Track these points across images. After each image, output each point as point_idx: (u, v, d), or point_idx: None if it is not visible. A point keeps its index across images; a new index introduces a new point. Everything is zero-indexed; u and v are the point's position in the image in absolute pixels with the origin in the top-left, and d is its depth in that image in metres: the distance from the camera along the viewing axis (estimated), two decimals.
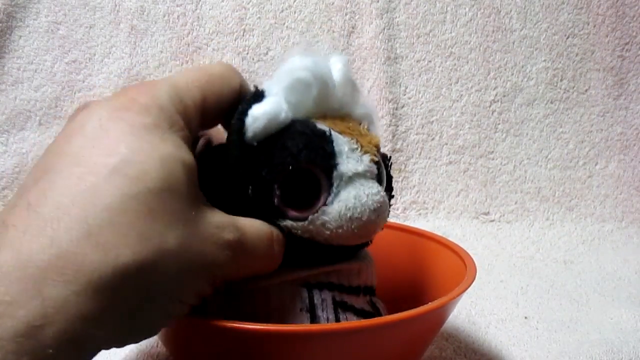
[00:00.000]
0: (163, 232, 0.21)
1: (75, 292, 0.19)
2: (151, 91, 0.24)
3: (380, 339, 0.27)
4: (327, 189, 0.27)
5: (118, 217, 0.21)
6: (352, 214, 0.27)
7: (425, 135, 0.72)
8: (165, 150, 0.23)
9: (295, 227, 0.27)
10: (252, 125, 0.26)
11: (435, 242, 0.39)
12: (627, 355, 0.40)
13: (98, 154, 0.22)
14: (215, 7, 0.71)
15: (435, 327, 0.32)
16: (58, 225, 0.20)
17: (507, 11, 0.73)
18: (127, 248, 0.20)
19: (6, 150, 0.65)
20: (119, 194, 0.21)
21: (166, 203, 0.22)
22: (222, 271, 0.24)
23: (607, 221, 0.71)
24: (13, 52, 0.67)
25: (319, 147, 0.27)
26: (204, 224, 0.23)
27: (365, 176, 0.27)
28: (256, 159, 0.27)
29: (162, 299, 0.22)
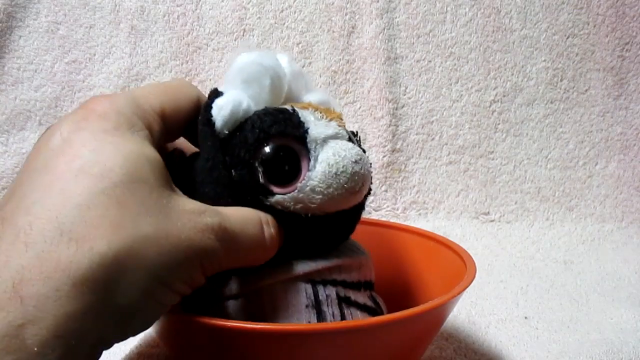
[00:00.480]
0: (135, 220, 0.22)
1: (55, 288, 0.20)
2: (108, 100, 0.25)
3: (380, 337, 0.27)
4: (305, 156, 0.28)
5: (88, 212, 0.21)
6: (335, 169, 0.27)
7: (425, 135, 0.72)
8: (127, 148, 0.24)
9: (287, 200, 0.28)
10: (219, 114, 0.28)
11: (436, 241, 0.39)
12: (627, 355, 0.40)
13: (63, 162, 0.23)
14: (215, 7, 0.71)
15: (435, 326, 0.32)
16: (30, 230, 0.21)
17: (507, 11, 0.73)
18: (101, 239, 0.21)
19: (6, 150, 0.65)
20: (86, 192, 0.22)
21: (135, 194, 0.22)
22: (211, 258, 0.24)
23: (607, 221, 0.71)
24: (13, 52, 0.67)
25: (286, 119, 0.28)
26: (179, 211, 0.24)
27: (337, 137, 0.28)
28: (231, 145, 0.28)
29: (149, 287, 0.22)
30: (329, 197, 0.28)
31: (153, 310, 0.23)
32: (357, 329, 0.26)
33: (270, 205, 0.28)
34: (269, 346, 0.26)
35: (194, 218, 0.24)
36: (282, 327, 0.26)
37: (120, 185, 0.22)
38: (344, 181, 0.27)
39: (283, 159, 0.28)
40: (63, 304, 0.20)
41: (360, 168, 0.28)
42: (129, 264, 0.21)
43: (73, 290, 0.20)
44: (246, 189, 0.28)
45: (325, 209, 0.28)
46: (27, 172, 0.23)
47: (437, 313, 0.30)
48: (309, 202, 0.28)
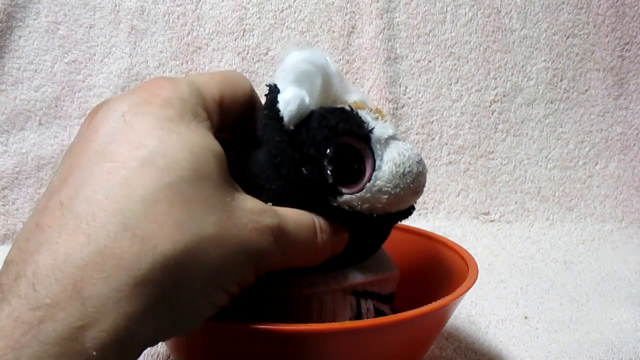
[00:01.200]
0: (200, 219, 0.21)
1: (116, 289, 0.19)
2: (172, 85, 0.24)
3: (383, 338, 0.27)
4: (370, 156, 0.28)
5: (153, 207, 0.20)
6: (402, 169, 0.28)
7: (425, 135, 0.72)
8: (193, 140, 0.22)
9: (355, 200, 0.27)
10: (286, 108, 0.27)
11: (437, 242, 0.39)
12: (627, 356, 0.40)
13: (126, 148, 0.21)
14: (215, 7, 0.71)
15: (437, 327, 0.32)
16: (94, 222, 0.20)
17: (507, 11, 0.73)
18: (165, 238, 0.20)
19: (6, 150, 0.65)
20: (151, 185, 0.21)
21: (200, 191, 0.21)
22: (266, 259, 0.24)
23: (607, 221, 0.71)
24: (13, 52, 0.67)
25: (350, 118, 0.28)
26: (241, 210, 0.23)
27: (396, 138, 0.29)
28: (298, 142, 0.27)
29: (205, 288, 0.22)
30: (395, 197, 0.28)
31: (205, 310, 0.22)
32: (359, 330, 0.26)
33: (337, 205, 0.27)
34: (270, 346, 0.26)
35: (256, 218, 0.23)
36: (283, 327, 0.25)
37: (187, 180, 0.21)
38: (410, 181, 0.28)
39: (349, 158, 0.28)
40: (123, 306, 0.19)
41: (423, 168, 0.29)
42: (191, 266, 0.21)
43: (134, 291, 0.19)
44: (315, 187, 0.27)
45: (388, 208, 0.28)
46: (83, 154, 0.22)
47: (439, 314, 0.30)
48: (375, 202, 0.28)
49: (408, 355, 0.30)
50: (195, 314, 0.22)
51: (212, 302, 0.22)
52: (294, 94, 0.27)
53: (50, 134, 0.66)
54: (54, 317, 0.18)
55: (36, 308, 0.18)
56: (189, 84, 0.25)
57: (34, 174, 0.65)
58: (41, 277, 0.19)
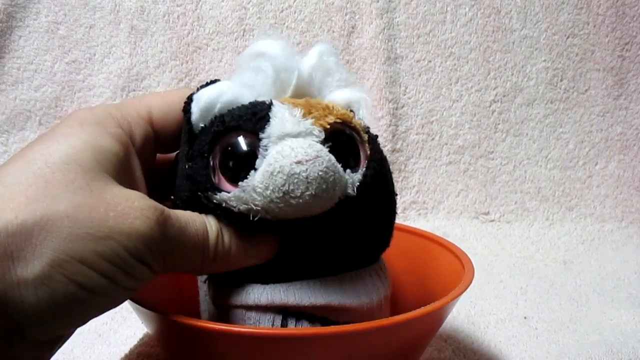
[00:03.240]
0: (56, 197, 0.22)
1: None
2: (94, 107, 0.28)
3: (376, 341, 0.27)
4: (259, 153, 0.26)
5: (9, 188, 0.22)
6: (273, 168, 0.25)
7: (425, 135, 0.72)
8: (79, 138, 0.25)
9: (231, 199, 0.26)
10: (195, 106, 0.27)
11: (433, 242, 0.39)
12: (627, 356, 0.40)
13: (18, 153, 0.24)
14: (215, 7, 0.71)
15: (432, 329, 0.32)
16: None
17: (507, 11, 0.73)
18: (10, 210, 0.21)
19: (6, 150, 0.65)
20: (17, 172, 0.23)
21: (65, 174, 0.23)
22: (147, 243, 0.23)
23: (607, 221, 0.71)
24: (13, 52, 0.67)
25: (248, 113, 0.27)
26: (110, 194, 0.23)
27: (299, 136, 0.26)
28: (198, 138, 0.27)
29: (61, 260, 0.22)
30: (269, 200, 0.25)
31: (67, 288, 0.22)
32: (352, 334, 0.26)
33: (218, 203, 0.26)
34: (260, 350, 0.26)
35: (126, 202, 0.23)
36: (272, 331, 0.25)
37: (52, 165, 0.23)
38: (280, 182, 0.24)
39: (235, 154, 0.26)
40: None
41: (305, 170, 0.24)
42: (37, 236, 0.21)
43: None
44: (196, 182, 0.27)
45: (277, 214, 0.26)
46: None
47: (434, 317, 0.30)
48: (252, 202, 0.25)
49: (403, 357, 0.30)
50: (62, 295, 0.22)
51: (73, 278, 0.22)
52: (208, 90, 0.28)
53: None
54: None
55: None
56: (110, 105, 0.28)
57: None
58: None
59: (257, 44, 0.29)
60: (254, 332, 0.25)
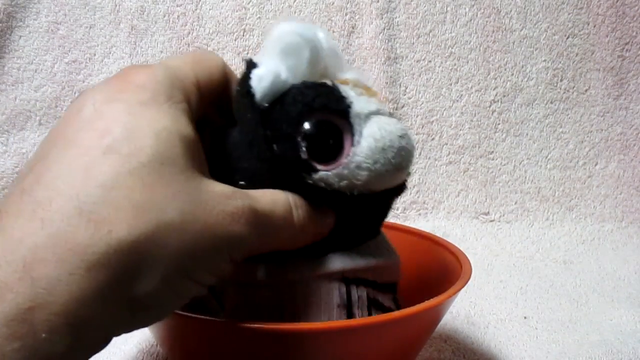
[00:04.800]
0: (161, 205, 0.21)
1: (68, 272, 0.19)
2: (146, 70, 0.24)
3: (372, 338, 0.27)
4: (349, 131, 0.26)
5: (111, 193, 0.20)
6: (382, 144, 0.26)
7: (425, 135, 0.72)
8: (161, 124, 0.22)
9: (331, 177, 0.26)
10: (259, 85, 0.26)
11: (432, 241, 0.39)
12: (627, 356, 0.41)
13: (92, 136, 0.21)
14: (215, 7, 0.71)
15: (429, 327, 0.32)
16: (49, 206, 0.20)
17: (507, 11, 0.73)
18: (121, 223, 0.20)
19: (6, 150, 0.65)
20: (111, 171, 0.20)
21: (163, 176, 0.21)
22: (240, 244, 0.23)
23: (607, 221, 0.71)
24: (13, 52, 0.67)
25: (328, 93, 0.27)
26: (207, 194, 0.22)
27: (380, 113, 0.27)
28: (272, 119, 0.26)
29: (168, 277, 0.21)
30: (376, 173, 0.26)
31: (170, 301, 0.22)
32: (348, 330, 0.26)
33: (313, 183, 0.26)
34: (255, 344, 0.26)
35: (224, 201, 0.22)
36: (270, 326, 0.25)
37: (149, 166, 0.21)
38: (391, 156, 0.26)
39: (326, 134, 0.26)
40: (75, 289, 0.18)
41: (407, 143, 0.27)
42: (150, 252, 0.20)
43: (87, 275, 0.19)
44: (288, 164, 0.26)
45: (371, 186, 0.27)
46: (52, 142, 0.22)
47: (430, 314, 0.29)
48: (354, 178, 0.26)
49: (400, 355, 0.30)
50: (159, 305, 0.21)
51: (178, 292, 0.22)
52: (267, 69, 0.26)
53: None
54: (2, 298, 0.18)
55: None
56: (164, 68, 0.24)
57: None
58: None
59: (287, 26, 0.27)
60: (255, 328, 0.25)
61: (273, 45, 0.27)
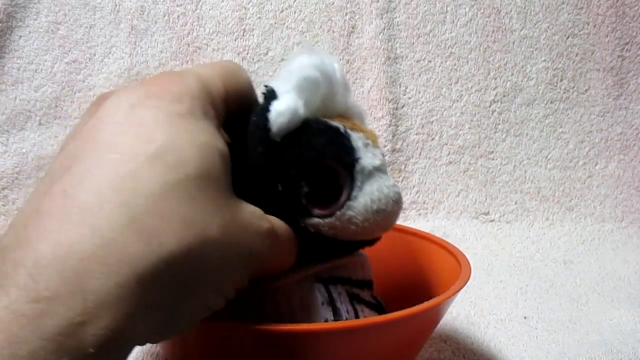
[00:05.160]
0: (205, 220, 0.20)
1: (118, 285, 0.18)
2: (181, 80, 0.23)
3: (371, 339, 0.27)
4: (349, 184, 0.27)
5: (160, 203, 0.19)
6: (377, 206, 0.27)
7: (425, 135, 0.72)
8: (202, 139, 0.22)
9: (322, 225, 0.27)
10: (277, 120, 0.26)
11: (430, 242, 0.39)
12: (627, 356, 0.41)
13: (134, 141, 0.21)
14: (215, 7, 0.71)
15: (428, 328, 0.32)
16: (99, 213, 0.19)
17: (507, 11, 0.73)
18: (171, 235, 0.19)
19: (6, 150, 0.65)
20: (159, 180, 0.20)
21: (206, 191, 0.21)
22: (260, 263, 0.24)
23: (607, 221, 0.71)
24: (13, 52, 0.67)
25: (340, 143, 0.27)
26: (242, 212, 0.23)
27: (381, 170, 0.28)
28: (282, 156, 0.26)
29: (204, 290, 0.21)
30: (362, 229, 0.27)
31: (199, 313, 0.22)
32: (347, 330, 0.26)
33: (304, 226, 0.27)
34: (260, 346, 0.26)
35: (256, 221, 0.23)
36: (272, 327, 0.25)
37: (194, 179, 0.21)
38: (382, 218, 0.28)
39: (328, 182, 0.27)
40: (123, 303, 0.18)
41: (398, 207, 0.28)
42: (193, 267, 0.20)
43: (136, 287, 0.18)
44: (287, 204, 0.27)
45: (353, 237, 0.28)
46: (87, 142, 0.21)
47: (429, 315, 0.29)
48: (342, 229, 0.27)
49: (400, 356, 0.30)
50: (189, 317, 0.21)
51: (208, 305, 0.22)
52: (288, 105, 0.26)
53: (50, 134, 0.66)
54: (53, 311, 0.17)
55: (35, 301, 0.17)
56: (197, 79, 0.24)
57: (34, 174, 0.65)
58: (41, 268, 0.18)
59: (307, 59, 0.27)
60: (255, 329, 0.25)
61: (291, 76, 0.27)
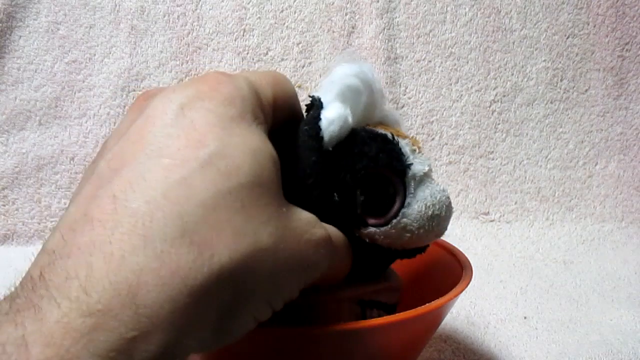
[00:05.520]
0: (257, 229, 0.20)
1: (171, 298, 0.17)
2: (232, 82, 0.23)
3: (373, 341, 0.27)
4: (402, 191, 0.27)
5: (212, 213, 0.19)
6: (432, 211, 0.27)
7: (425, 135, 0.72)
8: (255, 144, 0.21)
9: (378, 234, 0.27)
10: (328, 128, 0.26)
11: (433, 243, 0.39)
12: (627, 356, 0.41)
13: (185, 145, 0.20)
14: (215, 7, 0.71)
15: (429, 330, 0.32)
16: (150, 223, 0.18)
17: (507, 11, 0.73)
18: (223, 247, 0.19)
19: (6, 150, 0.65)
20: (212, 189, 0.19)
21: (259, 199, 0.20)
22: (314, 272, 0.23)
23: (607, 221, 0.71)
24: (13, 52, 0.67)
25: (391, 150, 0.27)
26: (296, 220, 0.22)
27: (430, 176, 0.28)
28: (336, 165, 0.26)
29: (255, 302, 0.20)
30: (417, 237, 0.27)
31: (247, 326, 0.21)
32: (350, 332, 0.26)
33: (359, 235, 0.27)
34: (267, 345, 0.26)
35: (310, 229, 0.22)
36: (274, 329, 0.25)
37: (247, 187, 0.20)
38: (436, 224, 0.27)
39: (381, 189, 0.27)
40: (177, 318, 0.17)
41: (451, 212, 0.28)
42: (245, 279, 0.19)
43: (188, 301, 0.18)
44: (343, 214, 0.26)
45: (406, 246, 0.28)
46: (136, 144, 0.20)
47: (431, 317, 0.30)
48: (397, 238, 0.27)
49: (401, 357, 0.30)
50: (237, 329, 0.20)
51: (257, 317, 0.21)
52: (338, 113, 0.26)
53: (50, 134, 0.66)
54: (106, 326, 0.16)
55: (88, 315, 0.16)
56: (247, 82, 0.23)
57: (34, 174, 0.65)
58: (94, 281, 0.17)
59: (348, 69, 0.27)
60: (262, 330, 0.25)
61: (334, 87, 0.27)
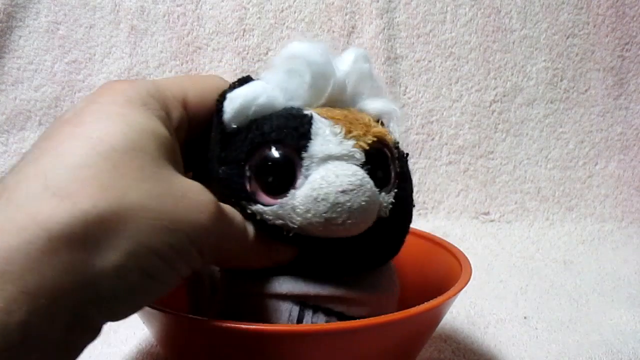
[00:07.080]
0: (129, 186, 0.21)
1: (28, 241, 0.19)
2: (129, 82, 0.25)
3: (372, 339, 0.27)
4: (300, 170, 0.26)
5: (79, 171, 0.21)
6: (316, 195, 0.25)
7: (425, 135, 0.72)
8: (134, 119, 0.23)
9: (267, 213, 0.26)
10: (228, 106, 0.27)
11: (430, 241, 0.39)
12: (627, 356, 0.41)
13: (67, 129, 0.22)
14: (215, 7, 0.71)
15: (428, 329, 0.32)
16: (16, 187, 0.20)
17: (507, 11, 0.73)
18: (86, 197, 0.20)
19: (6, 150, 0.65)
20: (81, 153, 0.21)
21: (133, 161, 0.22)
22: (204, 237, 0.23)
23: (607, 221, 0.71)
24: (13, 52, 0.67)
25: (291, 127, 0.26)
26: (178, 184, 0.23)
27: (341, 159, 0.26)
28: (233, 142, 0.27)
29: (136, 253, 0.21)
30: (308, 222, 0.25)
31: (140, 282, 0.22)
32: (349, 330, 0.26)
33: (252, 213, 0.26)
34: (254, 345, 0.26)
35: (191, 194, 0.23)
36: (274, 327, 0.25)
37: (120, 150, 0.22)
38: (323, 210, 0.25)
39: (274, 169, 0.26)
40: (34, 259, 0.19)
41: (349, 199, 0.25)
42: (114, 227, 0.20)
43: (48, 245, 0.19)
44: (229, 189, 0.26)
45: (310, 232, 0.26)
46: (33, 144, 0.23)
47: (430, 316, 0.29)
48: (289, 220, 0.26)
49: (400, 356, 0.30)
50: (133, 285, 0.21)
51: (146, 269, 0.22)
52: (244, 91, 0.27)
53: None
54: None
55: None
56: (148, 82, 0.26)
57: None
58: None
59: (296, 46, 0.28)
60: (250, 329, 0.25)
61: (279, 63, 0.28)
